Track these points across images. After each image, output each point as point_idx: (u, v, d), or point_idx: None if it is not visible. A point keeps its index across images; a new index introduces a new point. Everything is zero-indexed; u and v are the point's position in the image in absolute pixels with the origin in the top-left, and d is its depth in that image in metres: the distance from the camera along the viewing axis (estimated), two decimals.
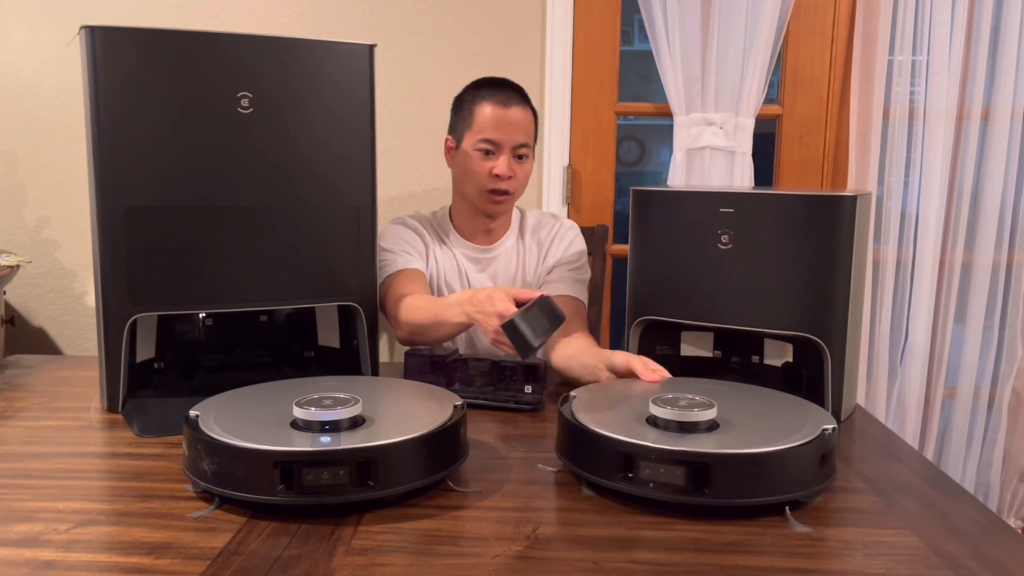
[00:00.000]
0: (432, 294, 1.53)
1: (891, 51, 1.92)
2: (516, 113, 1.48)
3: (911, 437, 2.01)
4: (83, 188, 1.27)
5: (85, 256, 1.98)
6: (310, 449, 0.86)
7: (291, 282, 1.27)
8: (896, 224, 1.97)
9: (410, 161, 1.98)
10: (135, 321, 1.20)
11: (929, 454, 2.04)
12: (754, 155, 1.95)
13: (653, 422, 0.96)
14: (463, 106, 1.53)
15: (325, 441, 0.88)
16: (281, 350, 1.43)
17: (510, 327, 1.11)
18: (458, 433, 0.97)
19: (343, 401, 0.94)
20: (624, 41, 2.02)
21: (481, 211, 1.53)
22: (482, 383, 1.27)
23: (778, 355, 1.32)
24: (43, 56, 1.92)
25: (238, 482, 0.87)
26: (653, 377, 1.16)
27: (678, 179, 1.95)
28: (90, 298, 2.00)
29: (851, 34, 1.95)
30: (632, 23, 2.39)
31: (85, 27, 1.14)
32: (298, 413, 0.92)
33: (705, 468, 0.87)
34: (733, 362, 1.36)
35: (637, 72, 2.46)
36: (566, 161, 2.02)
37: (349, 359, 1.38)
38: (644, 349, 1.37)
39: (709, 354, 1.37)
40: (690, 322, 1.31)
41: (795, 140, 2.01)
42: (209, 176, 1.20)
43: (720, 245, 1.25)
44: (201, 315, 1.36)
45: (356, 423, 0.94)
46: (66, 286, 2.00)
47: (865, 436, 1.19)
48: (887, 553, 0.81)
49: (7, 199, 1.97)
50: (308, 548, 0.80)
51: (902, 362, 2.02)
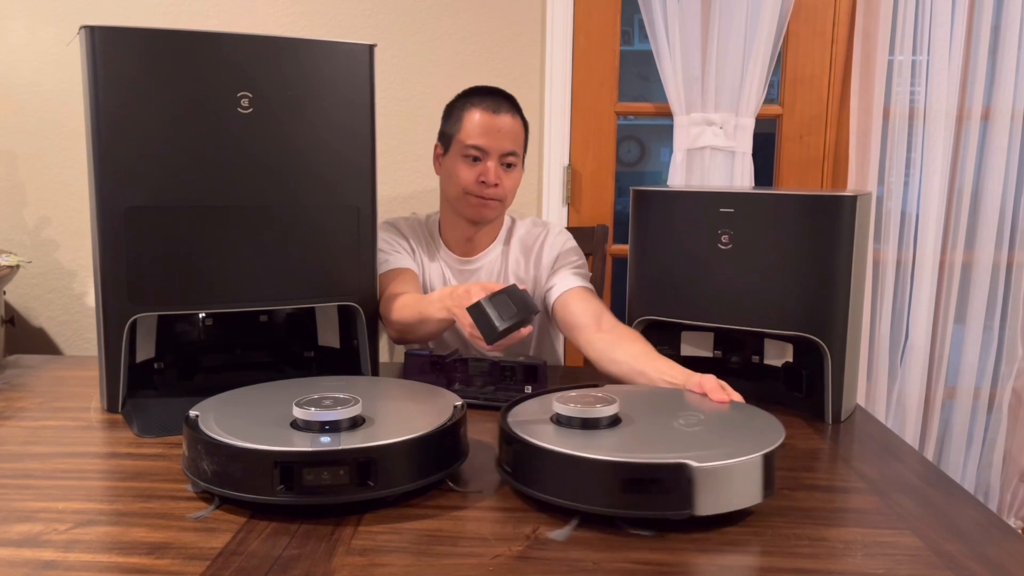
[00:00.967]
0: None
1: (891, 51, 1.92)
2: (505, 121, 1.47)
3: (911, 437, 2.01)
4: (83, 188, 1.27)
5: (85, 256, 1.98)
6: (310, 449, 0.86)
7: (291, 282, 1.27)
8: (896, 224, 1.97)
9: (410, 161, 1.98)
10: (135, 321, 1.20)
11: (929, 454, 2.04)
12: (754, 155, 1.95)
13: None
14: (452, 113, 1.52)
15: (325, 441, 0.88)
16: (281, 350, 1.43)
17: (476, 310, 1.08)
18: (458, 433, 0.97)
19: (343, 401, 0.94)
20: (624, 41, 2.02)
21: (465, 217, 1.51)
22: (482, 383, 1.27)
23: (778, 355, 1.32)
24: (43, 56, 1.92)
25: (238, 482, 0.87)
26: (722, 398, 1.06)
27: (678, 179, 1.95)
28: (90, 298, 2.00)
29: (851, 34, 1.95)
30: (632, 23, 2.39)
31: (85, 27, 1.14)
32: (298, 413, 0.92)
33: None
34: (733, 362, 1.36)
35: (637, 72, 2.46)
36: (566, 161, 2.02)
37: (349, 359, 1.38)
38: None
39: (709, 354, 1.37)
40: (690, 322, 1.31)
41: (795, 140, 2.01)
42: (209, 176, 1.20)
43: (720, 245, 1.25)
44: (201, 315, 1.36)
45: (356, 423, 0.94)
46: (66, 286, 2.00)
47: (865, 436, 1.19)
48: (887, 553, 0.81)
49: (7, 199, 1.97)
50: (308, 548, 0.80)
51: (902, 362, 2.02)
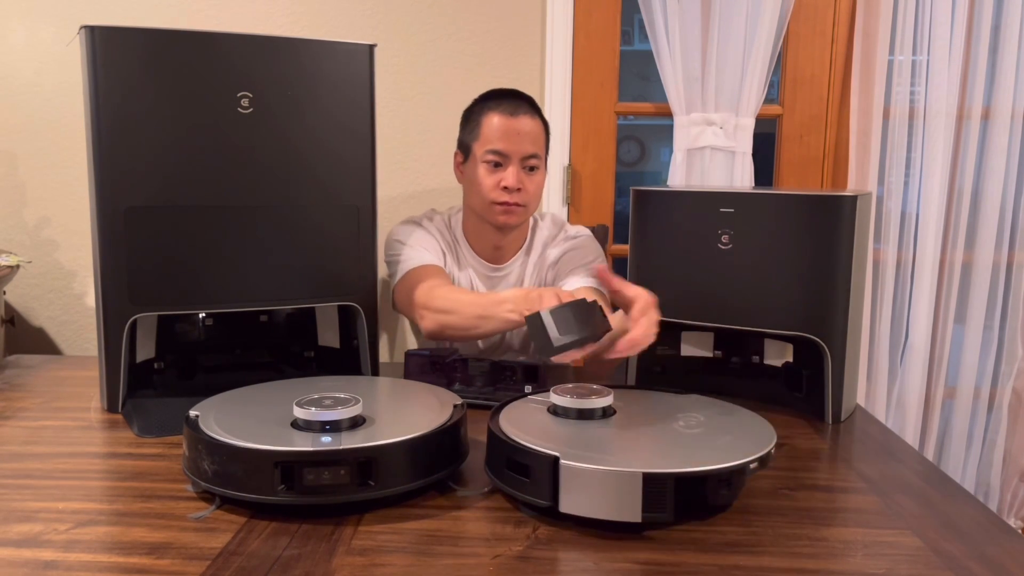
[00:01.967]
0: None
1: (891, 51, 1.92)
2: (525, 123, 1.44)
3: (911, 437, 2.01)
4: (83, 188, 1.27)
5: (85, 256, 1.98)
6: (310, 449, 0.86)
7: (291, 282, 1.27)
8: (896, 224, 1.97)
9: (410, 161, 1.98)
10: (135, 321, 1.20)
11: (929, 454, 2.04)
12: (754, 155, 1.95)
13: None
14: (470, 118, 1.50)
15: (325, 441, 0.88)
16: (281, 350, 1.43)
17: (534, 320, 0.99)
18: (458, 433, 0.97)
19: (343, 401, 0.94)
20: (624, 41, 2.02)
21: (491, 225, 1.49)
22: (482, 383, 1.27)
23: (778, 355, 1.32)
24: (43, 56, 1.92)
25: (238, 482, 0.87)
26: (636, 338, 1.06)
27: (678, 179, 1.95)
28: (90, 298, 2.00)
29: (851, 34, 1.95)
30: (632, 23, 2.40)
31: (85, 27, 1.14)
32: (298, 413, 0.92)
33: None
34: (733, 362, 1.36)
35: (637, 72, 2.47)
36: (566, 161, 2.02)
37: (349, 359, 1.38)
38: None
39: (709, 354, 1.37)
40: (690, 322, 1.31)
41: (795, 140, 2.02)
42: (209, 176, 1.20)
43: (720, 245, 1.25)
44: (201, 315, 1.36)
45: (356, 423, 0.94)
46: (66, 286, 2.00)
47: (865, 436, 1.19)
48: (887, 553, 0.81)
49: (7, 199, 1.97)
50: (308, 548, 0.80)
51: (902, 362, 2.02)
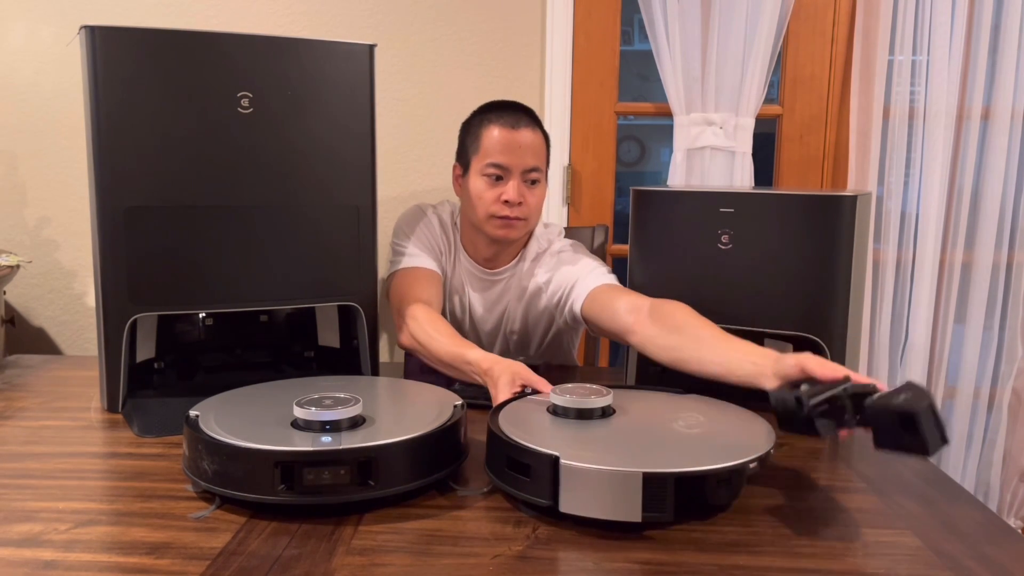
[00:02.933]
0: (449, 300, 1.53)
1: (891, 51, 1.92)
2: (525, 135, 1.41)
3: None
4: (83, 188, 1.27)
5: (85, 256, 1.98)
6: (311, 449, 0.86)
7: (291, 282, 1.27)
8: (896, 224, 1.97)
9: (410, 161, 1.98)
10: (135, 321, 1.20)
11: None
12: (754, 155, 1.95)
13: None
14: (469, 131, 1.47)
15: (325, 441, 0.88)
16: (281, 350, 1.43)
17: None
18: (458, 433, 0.97)
19: (343, 401, 0.94)
20: (624, 41, 2.02)
21: (491, 238, 1.46)
22: (483, 383, 1.27)
23: None
24: (43, 56, 1.92)
25: (238, 482, 0.87)
26: (829, 374, 0.92)
27: (678, 179, 1.95)
28: (90, 298, 2.00)
29: (851, 34, 1.95)
30: (632, 23, 2.40)
31: (85, 27, 1.14)
32: (298, 413, 0.92)
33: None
34: None
35: (637, 72, 2.47)
36: (566, 161, 2.02)
37: (349, 359, 1.38)
38: None
39: None
40: None
41: (795, 140, 2.01)
42: (209, 176, 1.20)
43: (720, 245, 1.25)
44: (201, 315, 1.36)
45: (356, 423, 0.94)
46: (66, 286, 2.00)
47: (865, 436, 1.19)
48: (887, 553, 0.81)
49: (7, 199, 1.97)
50: (308, 548, 0.80)
51: (902, 362, 2.02)
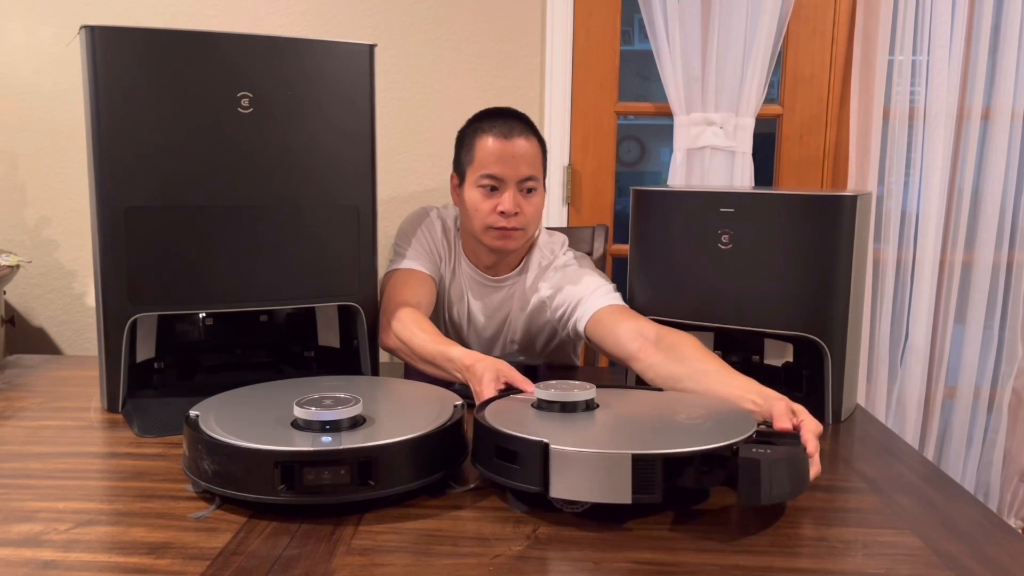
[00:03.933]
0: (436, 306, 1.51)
1: (891, 51, 1.92)
2: (520, 145, 1.38)
3: (911, 437, 2.01)
4: (83, 188, 1.27)
5: (85, 256, 1.98)
6: (311, 449, 0.86)
7: (291, 282, 1.27)
8: (896, 224, 1.97)
9: (410, 161, 1.98)
10: (135, 321, 1.20)
11: (929, 454, 2.04)
12: (754, 155, 1.95)
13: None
14: (464, 141, 1.45)
15: (326, 441, 0.88)
16: (281, 350, 1.43)
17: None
18: (458, 433, 0.97)
19: (343, 401, 0.94)
20: (624, 41, 2.02)
21: (488, 249, 1.45)
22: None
23: (778, 355, 1.32)
24: (43, 56, 1.92)
25: (238, 482, 0.87)
26: (784, 426, 0.95)
27: (678, 179, 1.95)
28: (90, 298, 2.00)
29: (851, 34, 1.95)
30: (632, 23, 2.40)
31: (85, 27, 1.14)
32: (299, 413, 0.92)
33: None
34: (733, 362, 1.35)
35: (637, 72, 2.47)
36: (566, 161, 2.02)
37: (349, 359, 1.38)
38: None
39: None
40: (690, 322, 1.30)
41: (795, 140, 2.01)
42: (209, 176, 1.20)
43: (720, 245, 1.25)
44: (201, 315, 1.36)
45: (356, 423, 0.94)
46: (66, 286, 2.00)
47: (865, 436, 1.19)
48: (887, 553, 0.81)
49: (7, 199, 1.97)
50: (308, 548, 0.80)
51: (902, 362, 2.02)
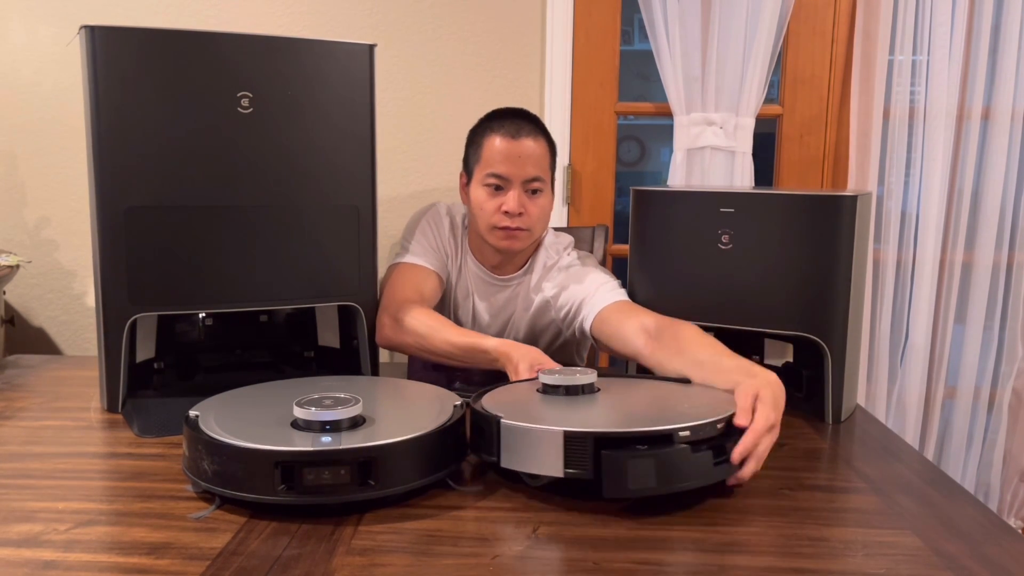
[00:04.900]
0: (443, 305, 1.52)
1: (891, 51, 1.92)
2: (527, 145, 1.39)
3: (911, 437, 2.01)
4: (83, 188, 1.27)
5: (85, 256, 1.98)
6: (311, 449, 0.86)
7: (291, 282, 1.27)
8: (896, 224, 1.97)
9: (410, 161, 1.98)
10: (135, 321, 1.20)
11: (929, 454, 2.04)
12: (754, 155, 1.95)
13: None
14: (473, 140, 1.46)
15: (326, 441, 0.88)
16: (281, 350, 1.43)
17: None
18: (458, 433, 0.97)
19: (343, 401, 0.94)
20: (624, 41, 2.02)
21: (494, 248, 1.46)
22: (482, 383, 1.27)
23: (778, 355, 1.32)
24: (43, 56, 1.92)
25: (238, 482, 0.87)
26: (740, 422, 0.94)
27: (678, 179, 1.95)
28: (90, 298, 2.00)
29: (851, 34, 1.95)
30: (632, 23, 2.40)
31: (85, 27, 1.14)
32: (299, 413, 0.92)
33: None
34: None
35: (637, 72, 2.47)
36: (566, 161, 2.02)
37: (349, 359, 1.38)
38: None
39: None
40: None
41: (795, 140, 2.02)
42: (209, 176, 1.20)
43: (720, 245, 1.25)
44: (201, 315, 1.36)
45: (356, 423, 0.94)
46: (66, 286, 2.00)
47: (865, 436, 1.19)
48: (887, 553, 0.81)
49: (7, 199, 1.97)
50: (308, 548, 0.80)
51: (902, 362, 2.02)
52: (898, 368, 2.02)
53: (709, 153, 1.93)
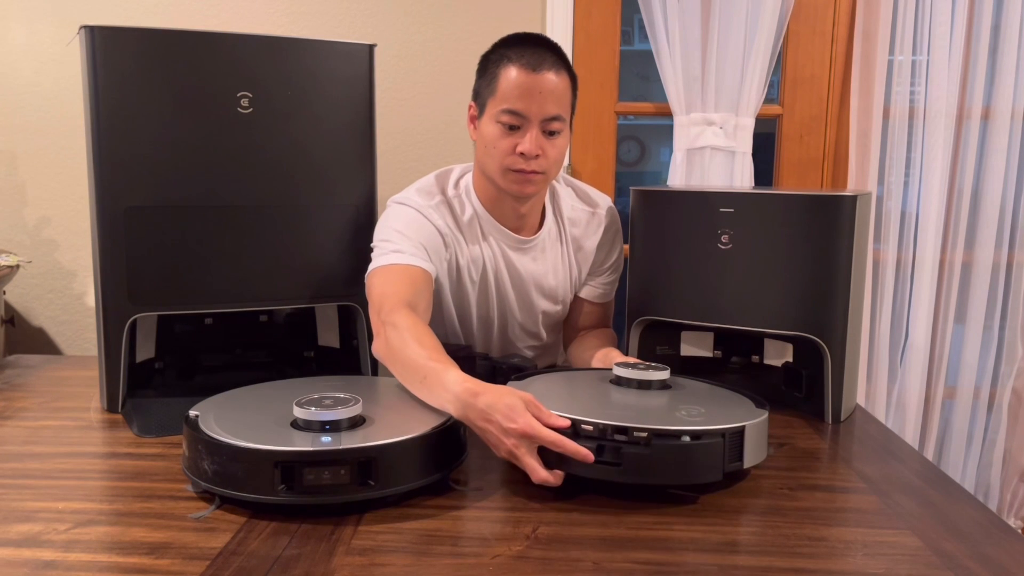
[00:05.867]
0: (457, 288, 1.36)
1: (891, 51, 1.92)
2: (548, 79, 1.23)
3: (911, 437, 2.01)
4: (83, 188, 1.27)
5: (85, 256, 1.98)
6: (311, 449, 0.86)
7: (291, 282, 1.27)
8: (896, 224, 1.97)
9: (410, 161, 1.98)
10: (135, 321, 1.20)
11: (929, 454, 2.04)
12: (754, 155, 1.95)
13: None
14: (487, 68, 1.29)
15: (325, 441, 0.88)
16: (281, 350, 1.43)
17: None
18: (458, 433, 0.97)
19: (343, 401, 0.94)
20: (624, 41, 2.02)
21: (506, 193, 1.30)
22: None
23: (778, 355, 1.32)
24: (43, 56, 1.92)
25: (238, 482, 0.87)
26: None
27: (678, 179, 1.95)
28: (90, 298, 2.00)
29: (851, 34, 1.95)
30: (632, 23, 2.40)
31: (85, 27, 1.14)
32: (298, 413, 0.92)
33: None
34: (733, 362, 1.36)
35: (637, 72, 2.47)
36: (566, 161, 2.01)
37: (349, 359, 1.38)
38: (644, 349, 1.37)
39: (709, 354, 1.37)
40: (690, 322, 1.31)
41: (795, 140, 2.01)
42: (209, 176, 1.20)
43: (720, 245, 1.25)
44: (201, 315, 1.36)
45: (356, 423, 0.94)
46: (66, 286, 2.00)
47: (865, 436, 1.19)
48: (887, 553, 0.81)
49: (7, 199, 1.97)
50: (308, 548, 0.80)
51: (902, 362, 2.02)
52: (898, 368, 2.02)
53: (709, 153, 1.92)
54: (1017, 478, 2.05)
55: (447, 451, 0.95)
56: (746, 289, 1.24)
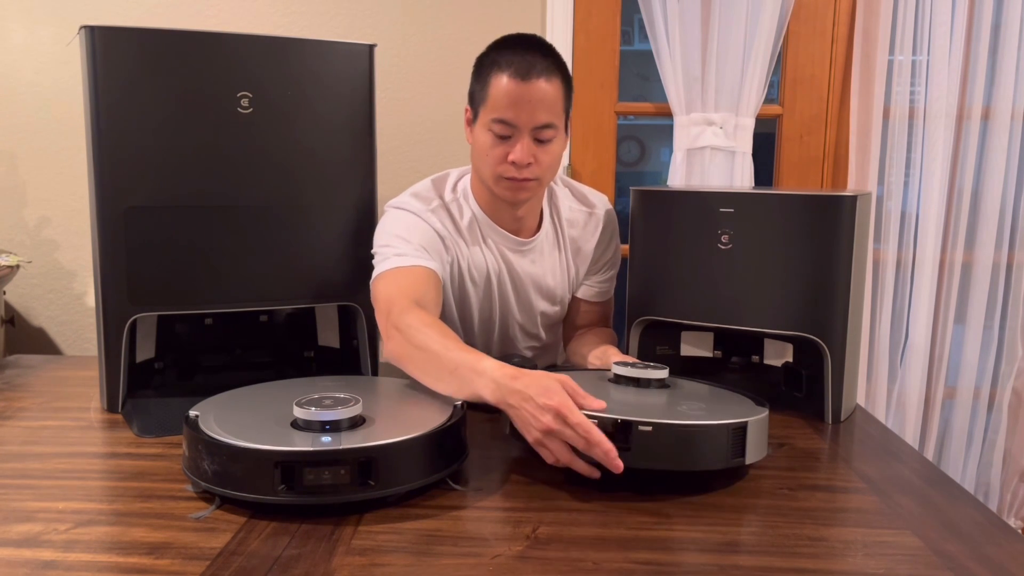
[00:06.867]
0: (460, 291, 1.36)
1: (891, 51, 1.92)
2: (539, 88, 1.20)
3: (911, 437, 2.01)
4: (83, 188, 1.27)
5: (85, 256, 1.98)
6: (311, 449, 0.86)
7: (291, 282, 1.27)
8: (896, 224, 1.97)
9: (410, 161, 1.98)
10: (135, 321, 1.20)
11: (929, 454, 2.04)
12: (754, 155, 1.95)
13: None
14: (480, 71, 1.28)
15: (326, 441, 0.88)
16: (281, 350, 1.43)
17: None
18: (458, 433, 0.97)
19: (343, 401, 0.94)
20: (624, 41, 2.02)
21: (500, 199, 1.30)
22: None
23: (778, 355, 1.32)
24: (43, 56, 1.92)
25: (238, 482, 0.87)
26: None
27: (678, 179, 1.95)
28: (90, 298, 2.00)
29: (851, 34, 1.95)
30: (632, 23, 2.40)
31: (85, 27, 1.14)
32: (298, 413, 0.92)
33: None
34: (733, 362, 1.36)
35: (637, 72, 2.47)
36: (566, 161, 2.01)
37: (349, 359, 1.38)
38: (644, 349, 1.37)
39: (709, 354, 1.37)
40: (690, 322, 1.31)
41: (795, 140, 2.02)
42: (209, 176, 1.20)
43: (720, 245, 1.25)
44: (201, 315, 1.36)
45: (356, 423, 0.94)
46: (66, 286, 2.00)
47: (865, 436, 1.19)
48: (887, 553, 0.81)
49: (7, 199, 1.97)
50: (308, 548, 0.80)
51: (902, 362, 2.02)
52: (898, 368, 2.02)
53: (709, 153, 1.93)
54: (1017, 478, 2.05)
55: (447, 451, 0.95)
56: (746, 289, 1.24)
